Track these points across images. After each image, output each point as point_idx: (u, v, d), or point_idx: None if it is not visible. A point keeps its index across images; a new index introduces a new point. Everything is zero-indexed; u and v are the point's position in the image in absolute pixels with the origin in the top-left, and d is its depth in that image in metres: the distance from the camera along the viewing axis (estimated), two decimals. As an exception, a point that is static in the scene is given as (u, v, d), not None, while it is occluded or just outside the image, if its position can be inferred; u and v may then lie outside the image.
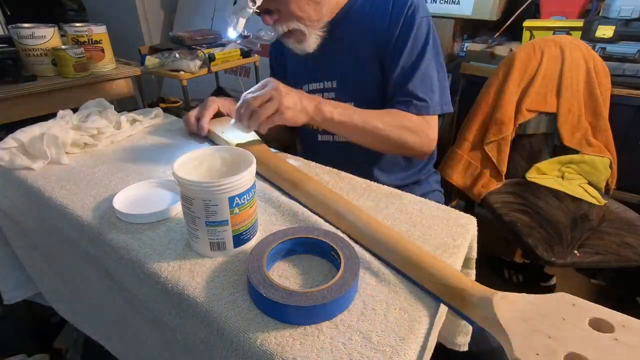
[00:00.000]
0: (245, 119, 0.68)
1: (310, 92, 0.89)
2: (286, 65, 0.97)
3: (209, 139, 0.83)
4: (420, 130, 0.78)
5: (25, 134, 0.73)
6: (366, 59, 0.82)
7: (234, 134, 0.78)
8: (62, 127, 0.76)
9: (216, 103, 0.85)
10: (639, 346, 0.31)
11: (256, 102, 0.67)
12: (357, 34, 0.82)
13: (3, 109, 1.18)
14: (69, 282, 0.74)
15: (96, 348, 0.77)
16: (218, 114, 0.86)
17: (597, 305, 0.35)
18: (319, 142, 0.93)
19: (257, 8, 0.74)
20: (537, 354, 0.32)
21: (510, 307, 0.37)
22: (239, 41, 0.81)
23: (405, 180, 0.93)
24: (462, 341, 0.64)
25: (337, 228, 0.55)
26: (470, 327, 0.63)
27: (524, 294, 0.39)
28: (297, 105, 0.69)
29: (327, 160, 0.75)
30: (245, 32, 0.79)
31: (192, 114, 0.84)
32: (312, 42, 0.81)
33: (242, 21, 0.76)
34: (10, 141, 0.73)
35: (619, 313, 0.34)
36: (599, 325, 0.33)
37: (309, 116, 0.71)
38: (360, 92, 0.84)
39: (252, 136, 0.78)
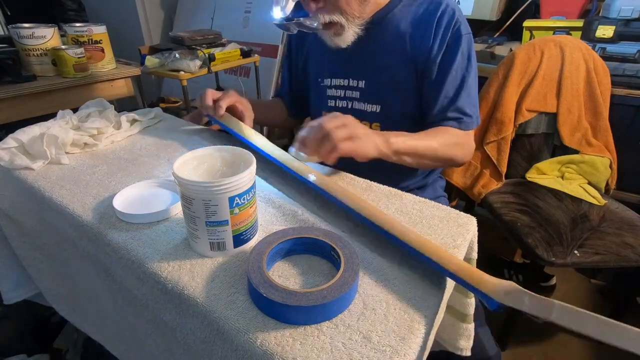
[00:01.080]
0: (314, 143, 0.62)
1: (332, 87, 0.89)
2: (308, 55, 0.95)
3: (208, 133, 0.83)
4: (466, 144, 0.81)
5: (25, 134, 0.73)
6: (400, 66, 0.80)
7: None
8: (62, 127, 0.76)
9: (237, 98, 0.83)
10: None
11: (330, 124, 0.61)
12: (394, 39, 0.80)
13: (3, 109, 1.18)
14: (69, 282, 0.74)
15: (96, 348, 0.77)
16: (231, 111, 0.84)
17: None
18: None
19: None
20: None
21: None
22: (277, 22, 0.77)
23: (411, 186, 0.92)
24: (464, 345, 0.64)
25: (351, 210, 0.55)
26: (472, 332, 0.63)
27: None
28: (370, 136, 0.64)
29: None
30: (290, 15, 0.75)
31: (211, 92, 0.82)
32: (348, 37, 0.79)
33: (291, 3, 0.74)
34: (10, 141, 0.73)
35: None
36: None
37: (378, 149, 0.66)
38: (388, 96, 0.83)
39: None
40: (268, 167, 0.71)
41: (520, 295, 0.40)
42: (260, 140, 0.74)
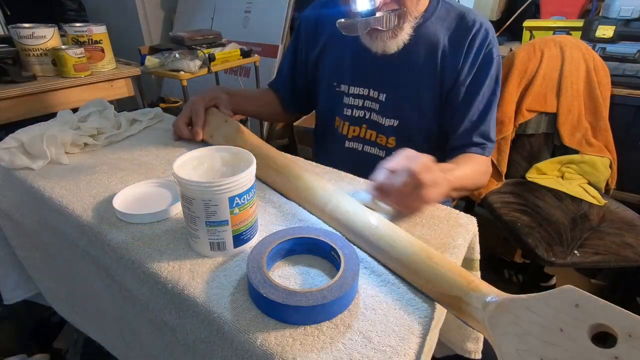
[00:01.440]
0: (401, 193, 0.54)
1: (350, 95, 0.85)
2: (323, 53, 0.88)
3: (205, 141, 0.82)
4: (489, 170, 0.80)
5: (25, 134, 0.73)
6: (427, 82, 0.77)
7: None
8: (62, 127, 0.76)
9: (204, 103, 0.78)
10: None
11: (404, 189, 0.53)
12: (424, 54, 0.76)
13: (3, 109, 1.18)
14: (69, 282, 0.74)
15: (96, 348, 0.77)
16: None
17: (604, 304, 0.30)
18: (345, 148, 0.88)
19: None
20: None
21: (505, 318, 0.34)
22: (361, 18, 0.66)
23: None
24: (472, 348, 0.63)
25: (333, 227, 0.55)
26: (480, 335, 0.63)
27: (523, 297, 0.35)
28: (421, 204, 0.57)
29: (350, 168, 0.71)
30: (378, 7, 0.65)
31: (182, 120, 0.78)
32: (401, 39, 0.72)
33: None
34: (10, 141, 0.72)
35: (629, 316, 0.28)
36: (602, 334, 0.29)
37: (444, 195, 0.60)
38: (408, 112, 0.80)
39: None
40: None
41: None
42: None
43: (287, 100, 0.99)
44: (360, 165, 0.74)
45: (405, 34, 0.72)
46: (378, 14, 0.65)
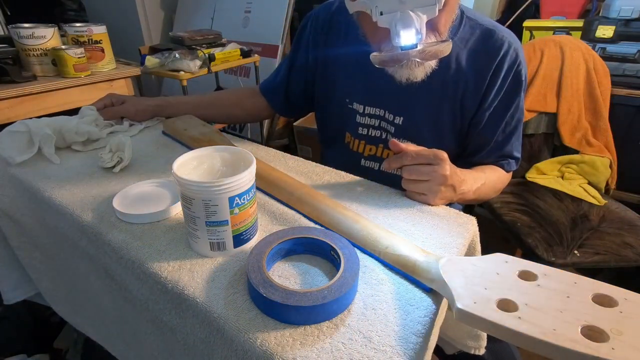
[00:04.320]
0: (398, 164, 0.59)
1: (365, 115, 0.80)
2: (334, 70, 0.82)
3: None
4: (506, 182, 0.80)
5: (34, 124, 0.73)
6: (447, 105, 0.73)
7: None
8: (68, 123, 0.76)
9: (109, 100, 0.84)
10: (556, 289, 0.38)
11: (420, 170, 0.58)
12: (446, 76, 0.71)
13: (3, 109, 1.18)
14: (69, 282, 0.74)
15: (96, 348, 0.77)
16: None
17: (525, 260, 0.42)
18: (361, 167, 0.85)
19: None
20: (475, 302, 0.38)
21: (453, 268, 0.43)
22: (401, 51, 0.58)
23: None
24: (473, 344, 0.64)
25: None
26: (481, 332, 0.63)
27: (466, 257, 0.47)
28: (445, 199, 0.61)
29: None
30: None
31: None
32: (429, 67, 0.65)
33: (424, 20, 0.55)
34: (19, 125, 0.73)
35: (542, 265, 0.41)
36: (526, 275, 0.40)
37: (447, 202, 0.62)
38: (425, 135, 0.76)
39: None
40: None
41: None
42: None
43: (280, 105, 0.94)
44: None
45: (433, 62, 0.65)
46: (420, 47, 0.58)
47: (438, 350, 0.71)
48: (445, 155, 0.58)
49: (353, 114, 0.82)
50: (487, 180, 0.72)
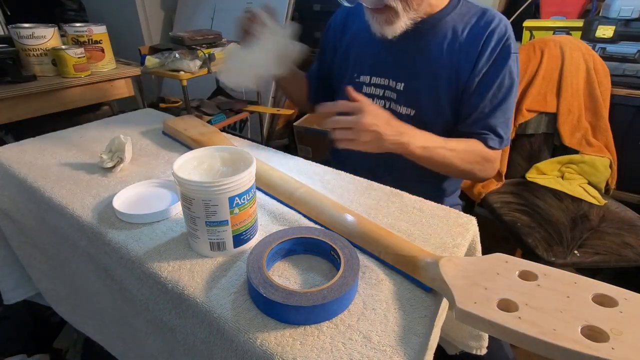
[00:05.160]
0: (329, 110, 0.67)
1: (371, 85, 0.87)
2: (349, 48, 0.91)
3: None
4: (490, 162, 0.81)
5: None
6: (444, 74, 0.79)
7: None
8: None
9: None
10: (556, 289, 0.38)
11: (337, 124, 0.66)
12: (442, 46, 0.78)
13: (3, 109, 1.18)
14: (69, 282, 0.74)
15: (96, 348, 0.77)
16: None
17: (525, 260, 0.43)
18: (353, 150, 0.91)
19: None
20: (475, 302, 0.38)
21: (454, 268, 0.43)
22: None
23: (432, 194, 0.91)
24: (475, 345, 0.64)
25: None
26: (483, 333, 0.63)
27: (466, 257, 0.47)
28: (373, 142, 0.67)
29: (357, 169, 0.74)
30: None
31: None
32: (398, 28, 0.75)
33: None
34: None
35: (542, 265, 0.41)
36: (526, 275, 0.40)
37: (389, 150, 0.70)
38: (424, 102, 0.81)
39: None
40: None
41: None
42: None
43: (313, 92, 1.03)
44: (367, 165, 0.79)
45: (402, 22, 0.75)
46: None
47: (439, 351, 0.71)
48: (369, 107, 0.65)
49: (360, 87, 0.88)
50: (448, 145, 0.75)
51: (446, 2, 0.79)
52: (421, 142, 0.72)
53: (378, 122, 0.66)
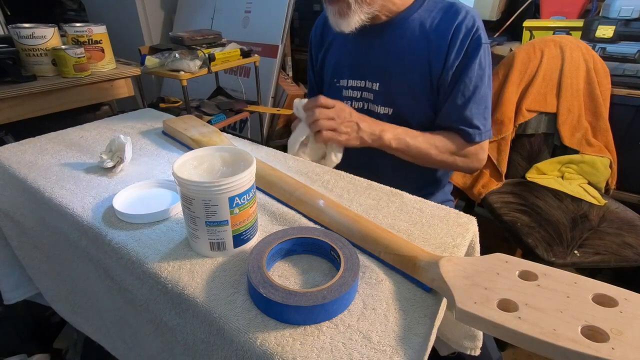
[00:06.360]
0: (308, 121, 0.74)
1: (349, 88, 0.89)
2: (327, 53, 0.94)
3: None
4: (471, 154, 0.82)
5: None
6: (416, 71, 0.80)
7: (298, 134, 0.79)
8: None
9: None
10: (556, 289, 0.38)
11: (320, 115, 0.72)
12: (412, 42, 0.79)
13: (3, 109, 1.18)
14: (69, 282, 0.74)
15: (96, 348, 0.77)
16: None
17: (525, 260, 0.43)
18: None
19: None
20: (475, 302, 0.38)
21: (454, 268, 0.43)
22: None
23: (423, 191, 0.92)
24: (470, 345, 0.64)
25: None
26: (478, 333, 0.63)
27: (466, 257, 0.47)
28: (353, 133, 0.74)
29: (351, 154, 0.77)
30: None
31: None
32: (352, 22, 0.76)
33: None
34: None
35: (542, 265, 0.41)
36: (526, 275, 0.40)
37: (366, 143, 0.76)
38: (400, 100, 0.83)
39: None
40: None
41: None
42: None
43: None
44: (361, 151, 0.80)
45: (357, 16, 0.76)
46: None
47: (431, 352, 0.71)
48: (321, 101, 0.72)
49: (340, 91, 0.91)
50: (424, 137, 0.79)
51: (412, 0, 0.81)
52: (395, 133, 0.77)
53: (356, 115, 0.74)
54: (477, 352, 0.65)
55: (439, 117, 0.82)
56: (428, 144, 0.79)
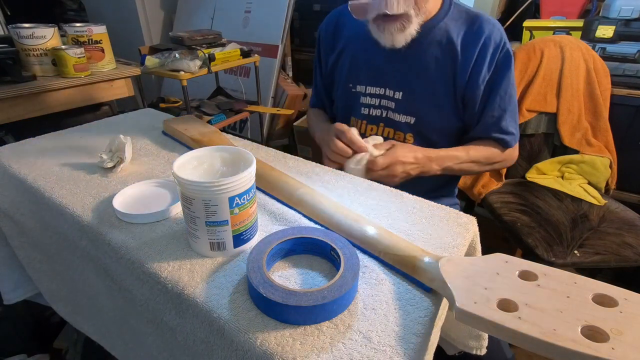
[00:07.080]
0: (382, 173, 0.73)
1: (367, 95, 0.87)
2: (341, 57, 0.91)
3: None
4: (508, 158, 0.86)
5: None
6: (442, 80, 0.79)
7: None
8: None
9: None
10: (556, 289, 0.38)
11: (377, 170, 0.72)
12: (438, 52, 0.78)
13: (3, 109, 1.18)
14: (69, 282, 0.74)
15: (96, 348, 0.77)
16: None
17: (525, 260, 0.43)
18: None
19: None
20: (475, 302, 0.38)
21: (454, 268, 0.43)
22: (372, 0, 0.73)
23: (430, 195, 0.92)
24: (475, 345, 0.64)
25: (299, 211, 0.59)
26: (483, 333, 0.63)
27: (466, 257, 0.47)
28: (404, 175, 0.75)
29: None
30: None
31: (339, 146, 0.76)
32: (409, 34, 0.74)
33: None
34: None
35: (542, 265, 0.41)
36: (526, 275, 0.40)
37: (411, 176, 0.77)
38: (424, 109, 0.82)
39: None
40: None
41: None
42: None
43: (330, 112, 1.02)
44: None
45: (412, 28, 0.74)
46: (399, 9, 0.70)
47: (439, 351, 0.71)
48: (397, 152, 0.73)
49: (357, 97, 0.88)
50: (468, 157, 0.80)
51: (438, 7, 0.80)
52: (439, 164, 0.78)
53: (407, 168, 0.74)
54: (483, 352, 0.65)
55: (475, 129, 0.83)
56: (471, 163, 0.81)
